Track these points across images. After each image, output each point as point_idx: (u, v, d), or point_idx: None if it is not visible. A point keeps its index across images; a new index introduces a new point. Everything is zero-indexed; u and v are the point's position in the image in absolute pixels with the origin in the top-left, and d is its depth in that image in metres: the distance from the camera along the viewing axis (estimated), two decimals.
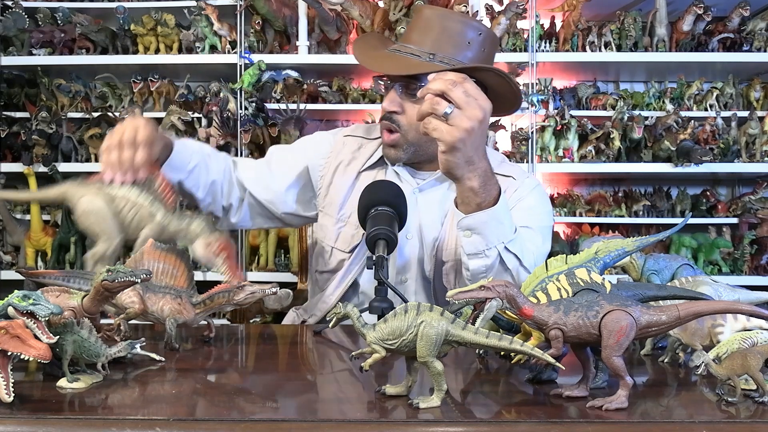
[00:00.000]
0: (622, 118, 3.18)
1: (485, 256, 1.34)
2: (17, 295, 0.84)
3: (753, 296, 1.15)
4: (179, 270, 1.19)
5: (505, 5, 3.12)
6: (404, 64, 1.50)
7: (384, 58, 1.55)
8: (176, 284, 1.19)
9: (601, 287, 0.88)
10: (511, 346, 0.82)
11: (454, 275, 1.55)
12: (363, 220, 1.37)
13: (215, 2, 3.22)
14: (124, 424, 0.75)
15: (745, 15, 3.12)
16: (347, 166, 1.67)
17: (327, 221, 1.67)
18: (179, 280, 1.19)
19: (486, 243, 1.33)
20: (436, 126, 1.22)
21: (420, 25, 1.54)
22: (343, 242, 1.63)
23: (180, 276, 1.19)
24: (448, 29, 1.51)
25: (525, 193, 1.59)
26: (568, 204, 3.27)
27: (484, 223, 1.31)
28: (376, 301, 1.25)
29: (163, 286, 1.18)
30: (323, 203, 1.69)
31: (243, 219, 1.72)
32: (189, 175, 1.55)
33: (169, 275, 1.18)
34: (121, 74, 3.39)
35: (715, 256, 3.18)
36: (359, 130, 1.76)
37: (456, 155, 1.24)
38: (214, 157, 1.64)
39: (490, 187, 1.31)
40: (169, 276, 1.19)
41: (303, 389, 0.97)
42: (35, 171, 3.24)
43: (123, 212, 1.29)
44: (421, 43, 1.51)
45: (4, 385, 0.80)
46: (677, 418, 0.81)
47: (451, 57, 1.50)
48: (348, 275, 1.61)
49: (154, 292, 1.17)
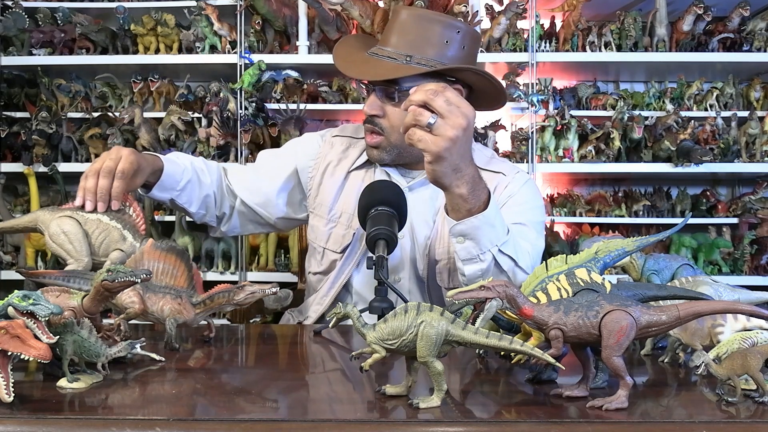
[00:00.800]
0: (622, 118, 3.18)
1: (480, 261, 1.33)
2: (17, 295, 0.84)
3: (753, 296, 1.15)
4: (179, 270, 1.19)
5: (505, 5, 3.12)
6: (381, 68, 1.51)
7: (361, 62, 1.55)
8: (176, 284, 1.19)
9: (601, 287, 0.88)
10: (511, 346, 0.82)
11: (447, 274, 1.55)
12: (363, 220, 1.37)
13: (215, 2, 3.22)
14: (124, 424, 0.75)
15: (745, 15, 3.12)
16: (336, 166, 1.68)
17: (318, 222, 1.67)
18: (179, 280, 1.19)
19: (479, 248, 1.32)
20: (420, 137, 1.20)
21: (397, 26, 1.53)
22: (334, 243, 1.63)
23: (180, 276, 1.19)
24: (425, 29, 1.50)
25: (516, 189, 1.59)
26: (568, 204, 3.27)
27: (476, 228, 1.30)
28: (376, 301, 1.25)
29: (163, 286, 1.18)
30: (313, 204, 1.69)
31: (233, 227, 1.75)
32: (181, 193, 1.59)
33: (169, 275, 1.19)
34: (121, 74, 3.39)
35: (715, 256, 3.18)
36: (347, 130, 1.76)
37: (442, 164, 1.22)
38: (207, 171, 1.66)
39: (479, 192, 1.29)
40: (169, 276, 1.19)
41: (303, 389, 0.97)
42: (35, 171, 3.24)
43: (93, 235, 1.30)
44: (398, 46, 1.51)
45: (4, 385, 0.80)
46: (677, 418, 0.81)
47: (430, 58, 1.49)
48: (341, 276, 1.61)
49: (154, 292, 1.17)
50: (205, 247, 3.23)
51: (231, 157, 3.22)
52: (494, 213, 1.32)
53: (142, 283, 1.07)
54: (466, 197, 1.28)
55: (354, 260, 1.61)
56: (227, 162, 3.22)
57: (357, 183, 1.65)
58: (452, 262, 1.53)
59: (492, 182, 1.56)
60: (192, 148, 3.26)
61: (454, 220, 1.31)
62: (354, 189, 1.63)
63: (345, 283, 1.61)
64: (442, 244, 1.55)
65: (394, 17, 1.56)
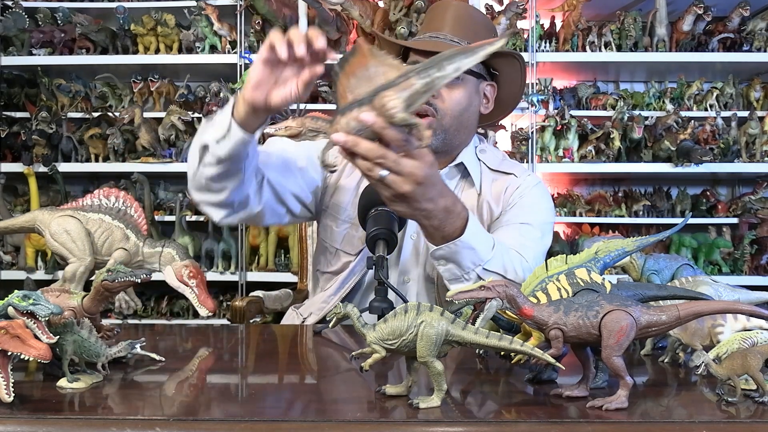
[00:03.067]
0: (622, 118, 3.18)
1: (465, 280, 1.33)
2: (17, 295, 0.84)
3: (753, 296, 1.15)
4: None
5: (505, 5, 3.13)
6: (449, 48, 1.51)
7: (425, 43, 1.55)
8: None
9: (601, 287, 0.88)
10: (511, 346, 0.82)
11: None
12: (363, 220, 1.37)
13: (215, 2, 3.23)
14: (124, 424, 0.75)
15: (745, 15, 3.12)
16: (354, 167, 1.64)
17: (331, 222, 1.64)
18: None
19: (462, 269, 1.31)
20: (381, 176, 1.11)
21: (450, 17, 1.58)
22: (349, 245, 1.62)
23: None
24: (474, 23, 1.57)
25: (526, 191, 1.59)
26: (568, 204, 3.27)
27: (454, 252, 1.29)
28: (376, 301, 1.25)
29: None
30: (329, 202, 1.65)
31: (265, 204, 1.52)
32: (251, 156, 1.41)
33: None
34: (121, 74, 3.39)
35: (715, 256, 3.18)
36: None
37: (402, 206, 1.18)
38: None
39: (452, 219, 1.25)
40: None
41: (303, 389, 0.97)
42: (35, 171, 3.24)
43: (95, 234, 1.30)
44: (456, 33, 1.55)
45: (4, 385, 0.80)
46: (677, 418, 0.81)
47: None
48: (352, 277, 1.60)
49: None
50: (205, 247, 3.23)
51: None
52: (473, 235, 1.29)
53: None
54: (437, 227, 1.25)
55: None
56: None
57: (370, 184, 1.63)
58: None
59: (503, 183, 1.58)
60: None
61: (433, 245, 1.30)
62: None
63: (355, 285, 1.61)
64: None
65: (442, 9, 1.60)
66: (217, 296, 3.22)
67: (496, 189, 1.60)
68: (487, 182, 1.62)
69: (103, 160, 3.30)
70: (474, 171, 1.62)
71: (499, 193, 1.59)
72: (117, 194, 1.35)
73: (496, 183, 1.61)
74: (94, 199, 1.34)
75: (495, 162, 1.64)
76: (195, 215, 3.28)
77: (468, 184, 1.62)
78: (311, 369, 1.14)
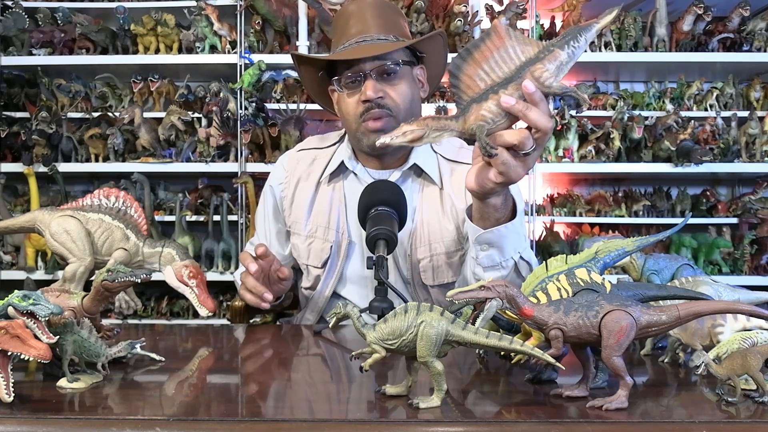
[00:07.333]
0: (622, 118, 3.18)
1: (502, 268, 1.32)
2: (17, 295, 0.84)
3: (753, 296, 1.15)
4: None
5: (505, 5, 3.13)
6: (379, 49, 1.53)
7: (355, 50, 1.54)
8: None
9: (601, 287, 0.88)
10: (511, 346, 0.82)
11: (432, 272, 1.54)
12: (363, 220, 1.37)
13: (215, 2, 3.23)
14: (124, 424, 0.75)
15: (745, 15, 3.12)
16: (305, 180, 1.66)
17: (297, 240, 1.66)
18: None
19: (503, 255, 1.31)
20: (505, 160, 1.07)
21: (368, 14, 1.59)
22: (314, 258, 1.62)
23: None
24: (388, 13, 1.61)
25: None
26: (568, 204, 3.27)
27: (503, 237, 1.27)
28: (376, 301, 1.25)
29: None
30: (290, 222, 1.67)
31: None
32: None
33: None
34: (121, 74, 3.39)
35: (715, 256, 3.18)
36: (311, 141, 1.76)
37: (505, 188, 1.18)
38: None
39: (508, 200, 1.26)
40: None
41: (303, 389, 0.97)
42: (35, 171, 3.24)
43: (95, 234, 1.30)
44: (379, 29, 1.56)
45: (4, 385, 0.80)
46: (677, 418, 0.81)
47: (405, 35, 1.61)
48: (325, 289, 1.61)
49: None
50: (205, 247, 3.23)
51: (231, 156, 3.22)
52: (520, 221, 1.31)
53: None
54: (498, 207, 1.24)
55: (336, 272, 1.60)
56: (227, 162, 3.22)
57: (327, 194, 1.63)
58: (435, 259, 1.53)
59: (463, 174, 1.54)
60: (192, 148, 3.27)
61: (481, 228, 1.27)
62: (325, 201, 1.62)
63: (331, 296, 1.61)
64: (422, 243, 1.54)
65: (359, 12, 1.59)
66: (217, 296, 3.22)
67: (456, 181, 1.57)
68: (446, 174, 1.59)
69: (103, 160, 3.30)
70: (431, 167, 1.59)
71: (460, 185, 1.54)
72: (117, 194, 1.35)
73: (456, 174, 1.58)
74: (94, 199, 1.33)
75: (452, 152, 1.62)
76: (195, 215, 3.28)
77: (427, 181, 1.60)
78: (311, 369, 1.14)
